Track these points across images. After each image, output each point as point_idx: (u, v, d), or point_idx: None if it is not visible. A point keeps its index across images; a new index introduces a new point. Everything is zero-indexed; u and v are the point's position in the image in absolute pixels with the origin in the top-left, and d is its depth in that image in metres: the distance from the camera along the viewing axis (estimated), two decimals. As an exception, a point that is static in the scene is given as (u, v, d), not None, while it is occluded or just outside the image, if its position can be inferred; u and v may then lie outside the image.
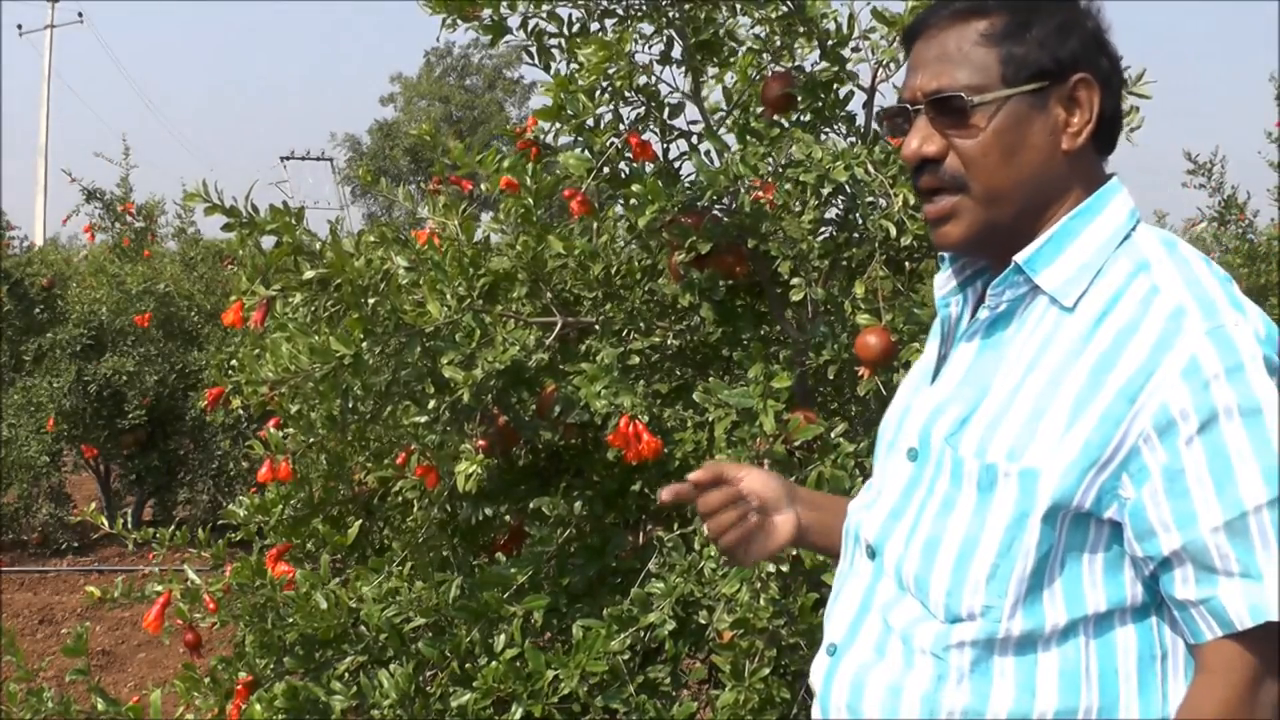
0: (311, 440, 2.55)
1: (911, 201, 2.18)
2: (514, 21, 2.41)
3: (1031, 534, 1.15)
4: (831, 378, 2.40)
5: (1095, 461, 1.13)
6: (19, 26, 29.10)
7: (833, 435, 2.24)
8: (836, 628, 1.34)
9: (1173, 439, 1.10)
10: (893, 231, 2.22)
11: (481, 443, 2.51)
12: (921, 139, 1.24)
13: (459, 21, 2.36)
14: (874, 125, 2.43)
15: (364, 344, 2.18)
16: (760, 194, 2.31)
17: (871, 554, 1.31)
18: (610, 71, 2.23)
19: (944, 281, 1.36)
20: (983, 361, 1.25)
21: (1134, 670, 1.17)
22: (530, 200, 2.41)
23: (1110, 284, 1.18)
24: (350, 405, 2.29)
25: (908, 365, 2.12)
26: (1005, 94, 1.20)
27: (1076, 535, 1.15)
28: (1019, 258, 1.22)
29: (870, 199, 2.30)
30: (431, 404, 2.41)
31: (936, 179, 1.24)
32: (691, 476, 1.42)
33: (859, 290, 2.23)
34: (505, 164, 2.46)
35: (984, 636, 1.18)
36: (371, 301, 2.25)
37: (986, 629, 1.17)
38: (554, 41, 2.45)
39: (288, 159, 35.12)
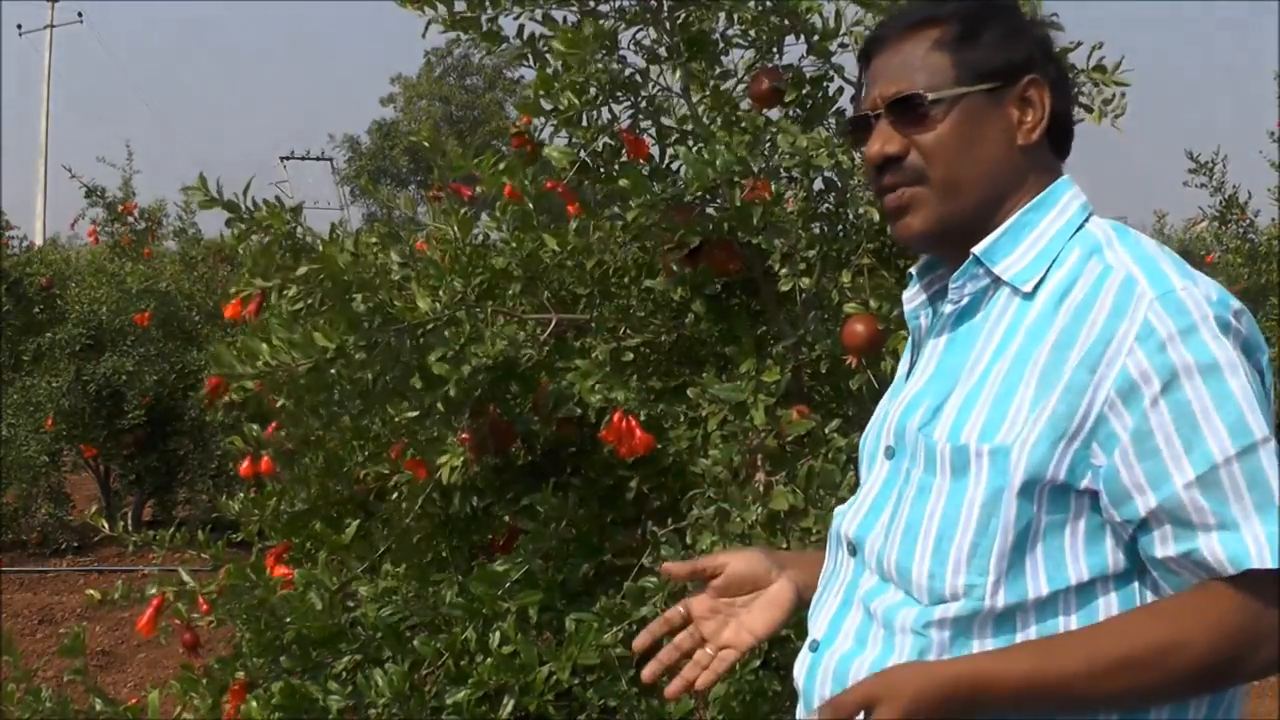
0: (301, 433, 2.55)
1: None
2: (510, 27, 2.41)
3: (1009, 510, 1.18)
4: (825, 372, 2.41)
5: (1064, 433, 1.17)
6: (19, 26, 29.11)
7: (826, 430, 2.25)
8: (819, 624, 1.36)
9: (1138, 402, 1.14)
10: (877, 218, 2.23)
11: (465, 435, 2.50)
12: (883, 141, 1.30)
13: (457, 30, 2.37)
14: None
15: (349, 339, 2.18)
16: (752, 193, 2.32)
17: (853, 550, 1.34)
18: (586, 61, 2.23)
19: (912, 296, 1.40)
20: (951, 354, 1.30)
21: None
22: (530, 205, 2.41)
23: (1066, 269, 1.24)
24: (336, 399, 2.29)
25: (895, 354, 2.12)
26: (961, 91, 1.27)
27: (1055, 508, 1.19)
28: (977, 249, 1.28)
29: (855, 180, 2.31)
30: (425, 400, 2.42)
31: (898, 175, 1.30)
32: (672, 570, 1.50)
33: (845, 278, 2.24)
34: (503, 166, 2.46)
35: (967, 613, 1.20)
36: (360, 296, 2.25)
37: (970, 605, 1.20)
38: (546, 46, 2.45)
39: (287, 159, 35.10)
